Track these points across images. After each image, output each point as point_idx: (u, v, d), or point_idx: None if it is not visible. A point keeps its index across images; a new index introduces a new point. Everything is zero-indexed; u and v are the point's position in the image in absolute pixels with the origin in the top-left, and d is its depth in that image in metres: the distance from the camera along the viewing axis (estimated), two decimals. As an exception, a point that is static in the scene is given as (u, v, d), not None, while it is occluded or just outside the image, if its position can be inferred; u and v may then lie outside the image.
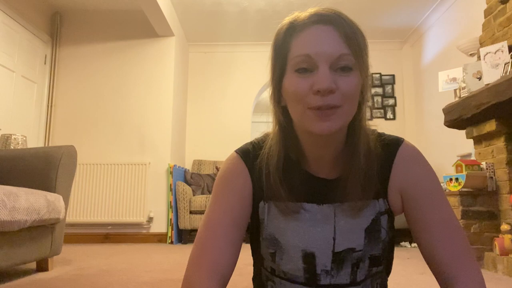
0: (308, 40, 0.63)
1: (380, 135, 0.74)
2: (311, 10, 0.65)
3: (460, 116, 2.54)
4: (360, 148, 0.67)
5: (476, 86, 2.46)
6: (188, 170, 4.29)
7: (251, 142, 0.77)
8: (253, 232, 0.78)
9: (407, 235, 3.59)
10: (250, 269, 0.87)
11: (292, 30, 0.65)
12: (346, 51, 0.61)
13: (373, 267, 0.71)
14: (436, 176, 0.72)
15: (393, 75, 4.76)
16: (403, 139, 0.74)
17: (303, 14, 0.66)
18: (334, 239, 0.69)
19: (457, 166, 2.51)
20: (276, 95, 0.69)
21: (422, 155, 0.73)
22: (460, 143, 3.24)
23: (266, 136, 0.76)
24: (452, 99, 2.83)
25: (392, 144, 0.72)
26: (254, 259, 0.83)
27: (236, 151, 0.76)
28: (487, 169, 2.44)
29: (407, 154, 0.71)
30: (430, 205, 0.68)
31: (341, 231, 0.69)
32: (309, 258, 0.69)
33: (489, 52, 2.36)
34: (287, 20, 0.67)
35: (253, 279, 0.85)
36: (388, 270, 0.80)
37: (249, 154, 0.74)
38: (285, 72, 0.66)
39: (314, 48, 0.61)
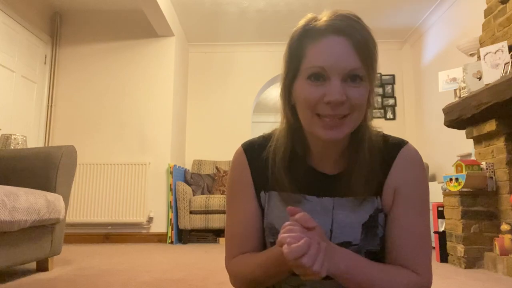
0: (323, 52, 0.65)
1: (386, 135, 0.77)
2: (325, 18, 0.67)
3: (460, 116, 2.54)
4: (364, 144, 0.71)
5: (476, 86, 2.46)
6: (188, 170, 4.29)
7: (260, 135, 0.82)
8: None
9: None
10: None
11: (307, 37, 0.68)
12: (358, 65, 0.64)
13: None
14: (428, 185, 0.75)
15: (393, 75, 4.76)
16: (408, 141, 0.76)
17: (318, 22, 0.67)
18: (331, 231, 0.71)
19: (457, 166, 2.50)
20: (286, 94, 0.72)
21: (422, 161, 0.75)
22: (460, 143, 3.24)
23: (274, 131, 0.80)
24: (452, 99, 2.83)
25: (396, 144, 0.75)
26: None
27: (242, 144, 0.81)
28: (487, 169, 2.44)
29: (409, 156, 0.73)
30: (413, 210, 0.71)
31: (338, 224, 0.71)
32: None
33: (489, 52, 2.36)
34: (302, 22, 0.70)
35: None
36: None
37: (253, 146, 0.79)
38: (298, 76, 0.68)
39: (328, 61, 0.64)
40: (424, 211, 0.73)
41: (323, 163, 0.74)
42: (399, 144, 0.74)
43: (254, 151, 0.78)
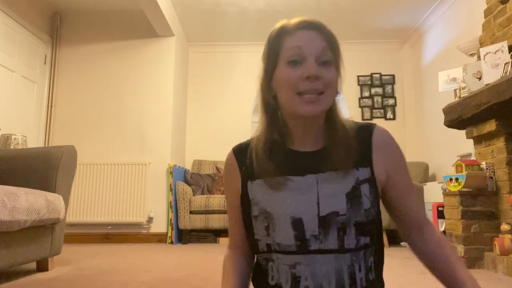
0: (298, 38, 0.78)
1: (355, 121, 0.87)
2: (297, 20, 0.80)
3: (460, 116, 2.54)
4: (337, 126, 0.82)
5: (476, 86, 2.46)
6: (188, 170, 4.29)
7: (249, 138, 0.91)
8: (247, 217, 0.83)
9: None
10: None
11: (283, 33, 0.80)
12: (327, 47, 0.78)
13: (360, 235, 0.76)
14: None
15: (393, 75, 4.75)
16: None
17: (292, 21, 0.81)
18: (318, 204, 0.76)
19: (457, 166, 2.50)
20: (267, 84, 0.83)
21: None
22: (460, 143, 3.24)
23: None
24: (452, 99, 2.83)
25: (367, 126, 0.85)
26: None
27: (232, 147, 0.90)
28: (487, 169, 2.44)
29: (383, 133, 0.84)
30: (403, 174, 0.84)
31: (324, 196, 0.77)
32: (297, 224, 0.76)
33: (489, 52, 2.36)
34: (278, 25, 0.82)
35: (253, 279, 0.88)
36: (380, 247, 0.83)
37: (241, 146, 0.89)
38: (277, 65, 0.79)
39: (303, 41, 0.77)
40: (408, 169, 0.86)
41: (304, 144, 0.83)
42: (369, 124, 0.85)
43: (241, 150, 0.87)
